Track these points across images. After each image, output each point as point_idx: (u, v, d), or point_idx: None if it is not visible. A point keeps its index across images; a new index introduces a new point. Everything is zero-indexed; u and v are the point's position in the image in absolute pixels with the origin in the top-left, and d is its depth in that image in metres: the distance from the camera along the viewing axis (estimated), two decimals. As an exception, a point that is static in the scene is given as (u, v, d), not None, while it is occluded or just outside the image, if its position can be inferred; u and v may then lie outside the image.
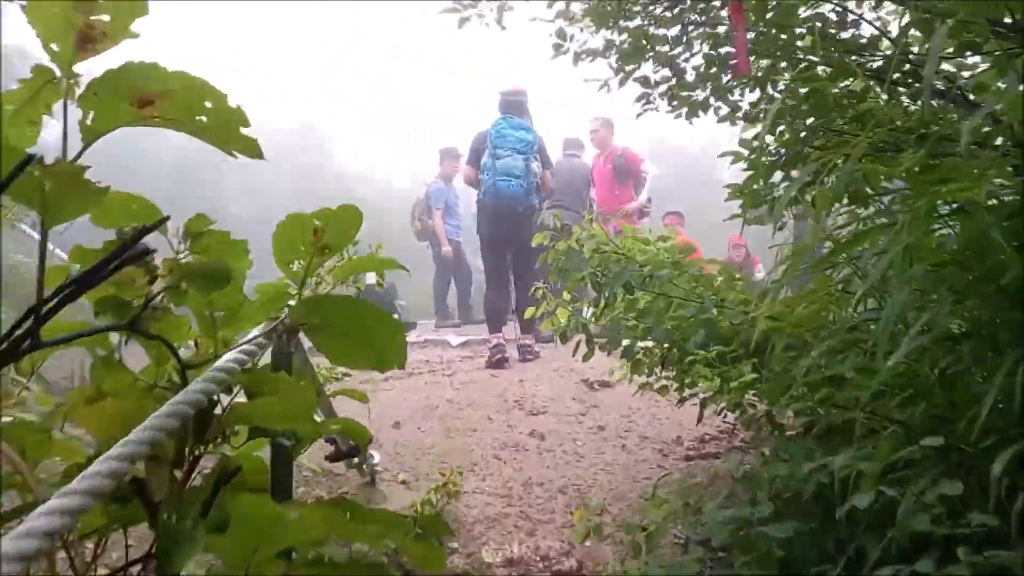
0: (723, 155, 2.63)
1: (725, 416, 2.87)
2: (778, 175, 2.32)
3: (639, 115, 2.47)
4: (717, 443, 3.49)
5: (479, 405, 3.93)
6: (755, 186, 2.49)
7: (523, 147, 5.03)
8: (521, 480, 3.12)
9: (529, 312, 2.98)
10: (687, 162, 21.71)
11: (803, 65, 2.00)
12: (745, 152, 2.44)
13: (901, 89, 2.07)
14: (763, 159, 2.26)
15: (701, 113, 2.46)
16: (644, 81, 2.26)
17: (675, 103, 2.45)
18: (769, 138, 2.31)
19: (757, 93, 2.46)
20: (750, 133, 2.69)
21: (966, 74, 2.02)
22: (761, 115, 2.39)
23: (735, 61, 2.07)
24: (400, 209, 10.91)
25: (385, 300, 7.15)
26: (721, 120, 2.57)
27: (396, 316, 5.18)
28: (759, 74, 2.13)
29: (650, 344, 2.53)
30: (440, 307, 8.41)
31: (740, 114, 2.55)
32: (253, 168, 18.32)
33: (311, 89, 21.13)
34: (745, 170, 2.48)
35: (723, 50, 2.34)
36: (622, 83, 2.30)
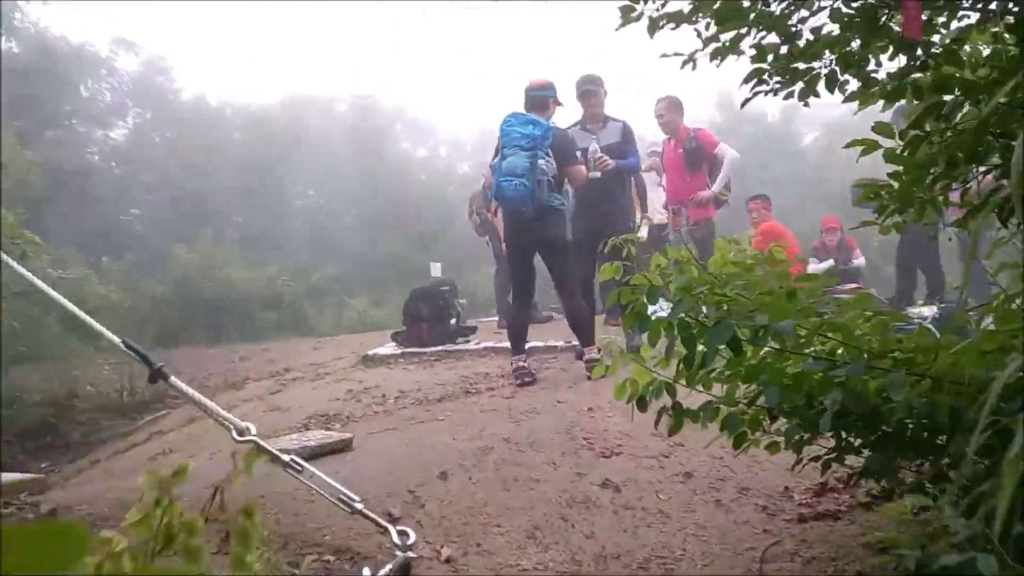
0: (850, 145, 1.96)
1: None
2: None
3: (747, 100, 1.82)
4: (836, 497, 2.83)
5: (542, 444, 3.35)
6: (900, 185, 1.82)
7: (528, 143, 4.45)
8: (593, 551, 2.55)
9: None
10: (763, 132, 20.45)
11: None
12: (884, 140, 1.77)
13: None
14: (925, 149, 1.59)
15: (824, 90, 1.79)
16: (758, 53, 1.61)
17: (785, 78, 1.79)
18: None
19: (899, 61, 1.78)
20: (887, 114, 2.00)
21: None
22: (914, 90, 1.71)
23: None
24: (463, 197, 10.43)
25: (446, 299, 6.66)
26: (849, 99, 1.89)
27: (455, 319, 4.69)
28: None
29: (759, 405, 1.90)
30: (502, 306, 7.86)
31: (875, 89, 1.87)
32: (316, 158, 18.25)
33: (373, 64, 20.76)
34: (889, 162, 1.82)
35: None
36: (717, 56, 1.66)
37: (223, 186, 15.83)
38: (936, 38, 1.73)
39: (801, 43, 1.74)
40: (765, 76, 1.66)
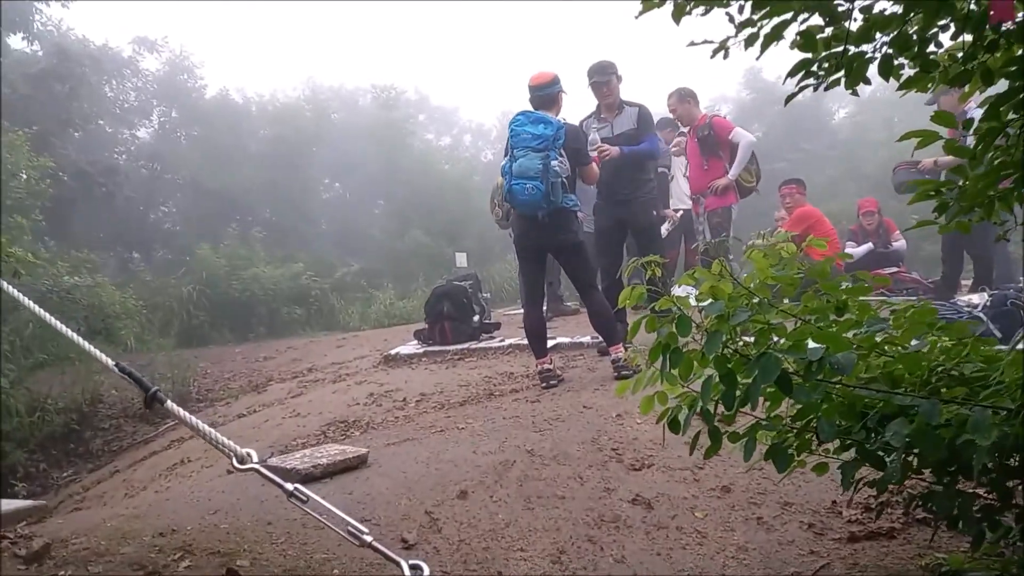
0: (905, 137, 1.73)
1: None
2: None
3: (792, 96, 1.61)
4: (890, 513, 2.60)
5: (567, 457, 3.17)
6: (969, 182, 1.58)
7: (540, 144, 4.21)
8: (624, 577, 2.37)
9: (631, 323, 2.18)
10: (793, 110, 19.87)
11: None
12: (945, 132, 1.54)
13: None
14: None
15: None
16: (805, 41, 1.38)
17: (831, 65, 1.57)
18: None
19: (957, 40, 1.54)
20: (948, 103, 1.75)
21: None
22: (982, 74, 1.48)
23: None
24: (487, 186, 10.21)
25: (469, 295, 6.49)
26: (905, 86, 1.66)
27: (479, 313, 4.51)
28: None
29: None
30: (528, 300, 7.71)
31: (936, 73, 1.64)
32: (340, 151, 18.18)
33: (395, 54, 20.55)
34: (951, 154, 1.59)
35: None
36: (752, 43, 1.44)
37: (249, 182, 15.82)
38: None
39: (851, 25, 1.52)
40: (813, 67, 1.43)
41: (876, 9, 1.52)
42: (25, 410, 5.69)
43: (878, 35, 1.55)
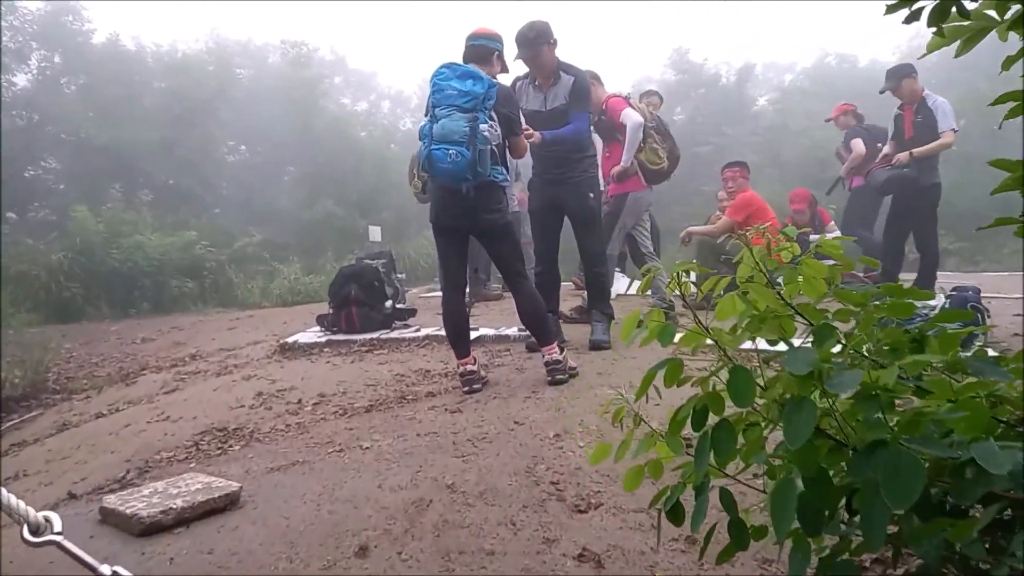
0: (1001, 100, 1.18)
1: None
2: None
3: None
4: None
5: (496, 493, 2.55)
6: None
7: (467, 102, 3.49)
8: (571, 673, 1.79)
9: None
10: (719, 94, 19.77)
11: None
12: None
13: None
14: None
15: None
16: None
17: None
18: None
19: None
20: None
21: None
22: None
23: None
24: (405, 157, 9.39)
25: (380, 277, 5.76)
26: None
27: (391, 298, 3.74)
28: None
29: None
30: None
31: None
32: (246, 111, 16.80)
33: (309, 10, 19.12)
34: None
35: None
36: None
37: (141, 139, 14.27)
38: None
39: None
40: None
41: None
42: None
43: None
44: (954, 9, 1.08)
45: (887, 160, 5.93)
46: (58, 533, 1.19)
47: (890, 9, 1.09)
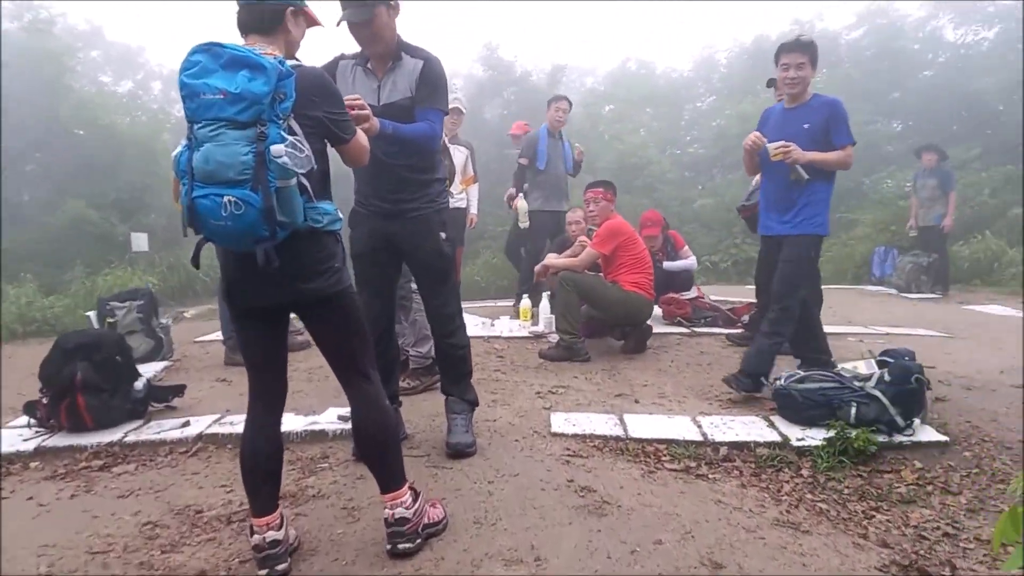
0: None
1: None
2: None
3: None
4: None
5: None
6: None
7: (244, 111, 1.95)
8: None
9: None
10: (529, 94, 19.12)
11: None
12: None
13: None
14: None
15: None
16: None
17: None
18: None
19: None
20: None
21: None
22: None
23: None
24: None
25: (124, 346, 4.00)
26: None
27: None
28: None
29: None
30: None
31: None
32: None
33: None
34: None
35: None
36: None
37: None
38: None
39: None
40: None
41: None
42: None
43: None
44: None
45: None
46: None
47: None
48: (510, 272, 9.76)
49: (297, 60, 2.36)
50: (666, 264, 6.55)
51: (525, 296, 6.65)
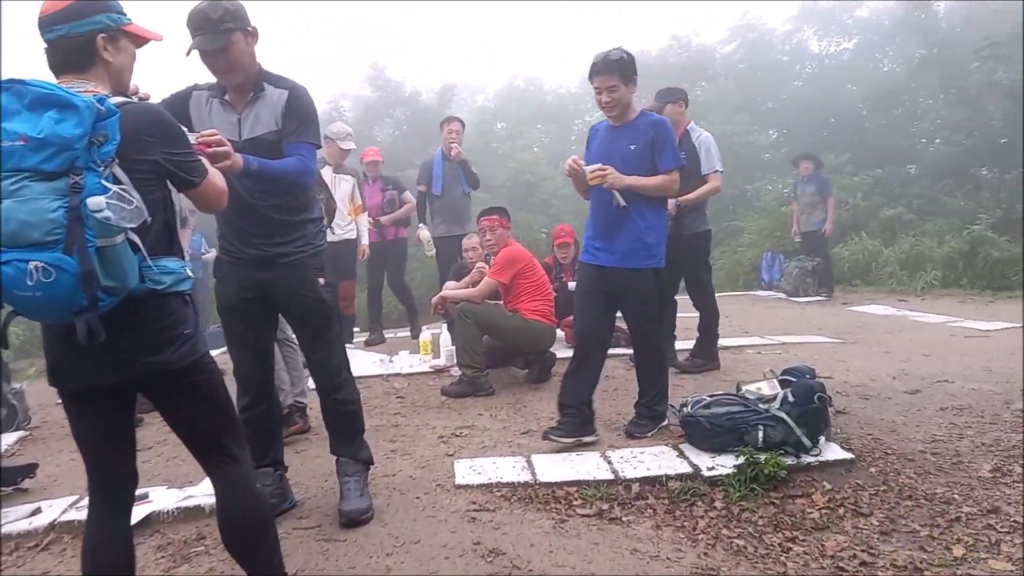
0: None
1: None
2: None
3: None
4: None
5: None
6: None
7: (51, 158, 1.62)
8: None
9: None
10: (420, 114, 18.89)
11: None
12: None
13: None
14: None
15: None
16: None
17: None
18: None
19: None
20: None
21: None
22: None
23: None
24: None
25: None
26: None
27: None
28: None
29: None
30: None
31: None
32: None
33: None
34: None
35: None
36: None
37: None
38: None
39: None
40: None
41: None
42: None
43: None
44: None
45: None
46: None
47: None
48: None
49: (132, 94, 2.04)
50: (571, 284, 6.45)
51: (424, 328, 6.39)
